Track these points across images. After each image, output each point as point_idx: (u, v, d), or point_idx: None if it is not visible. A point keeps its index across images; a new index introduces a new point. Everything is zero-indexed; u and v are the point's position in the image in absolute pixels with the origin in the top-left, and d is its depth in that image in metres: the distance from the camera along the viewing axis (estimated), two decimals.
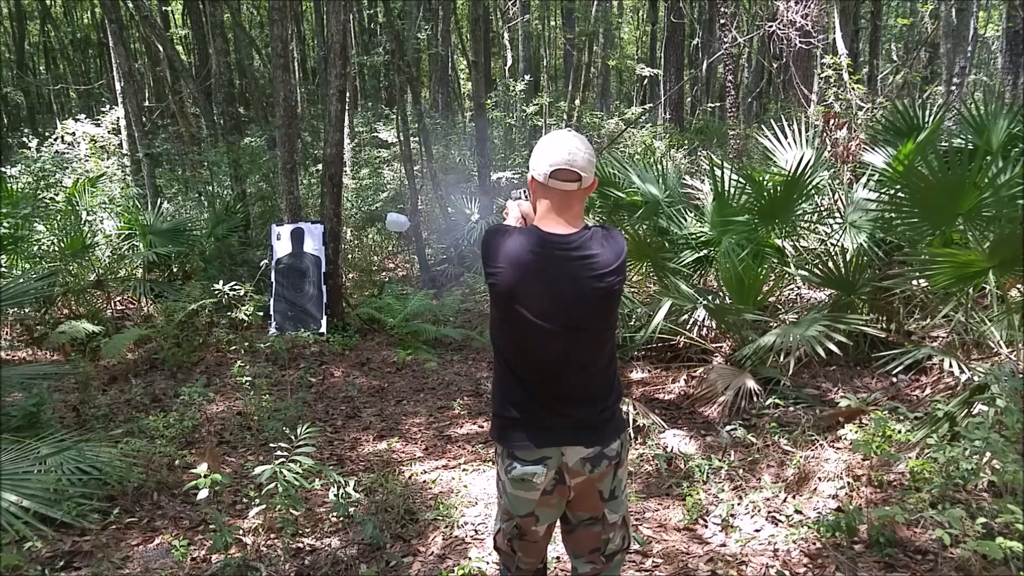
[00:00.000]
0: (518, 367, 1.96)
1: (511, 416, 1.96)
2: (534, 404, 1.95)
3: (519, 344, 1.94)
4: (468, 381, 5.82)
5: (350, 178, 12.48)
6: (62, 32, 21.10)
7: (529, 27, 18.24)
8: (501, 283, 1.89)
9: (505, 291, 1.89)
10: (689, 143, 13.83)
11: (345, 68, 6.84)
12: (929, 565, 2.78)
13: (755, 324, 4.89)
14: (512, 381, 1.97)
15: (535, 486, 1.95)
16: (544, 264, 1.88)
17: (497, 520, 2.14)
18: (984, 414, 3.07)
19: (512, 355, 1.97)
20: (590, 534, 2.06)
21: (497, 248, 1.90)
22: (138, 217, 7.73)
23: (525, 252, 1.88)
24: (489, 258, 1.90)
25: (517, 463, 1.95)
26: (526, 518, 2.01)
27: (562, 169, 1.86)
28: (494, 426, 2.04)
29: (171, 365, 5.84)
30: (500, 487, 2.06)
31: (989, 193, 4.07)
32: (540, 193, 1.93)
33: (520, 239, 1.90)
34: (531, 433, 1.94)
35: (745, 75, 21.37)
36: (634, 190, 6.26)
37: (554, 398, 1.95)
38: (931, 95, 10.02)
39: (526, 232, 1.93)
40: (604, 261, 1.89)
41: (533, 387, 1.95)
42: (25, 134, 10.94)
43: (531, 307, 1.88)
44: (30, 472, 3.08)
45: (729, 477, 3.63)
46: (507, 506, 2.03)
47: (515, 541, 2.07)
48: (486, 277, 1.92)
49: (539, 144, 1.93)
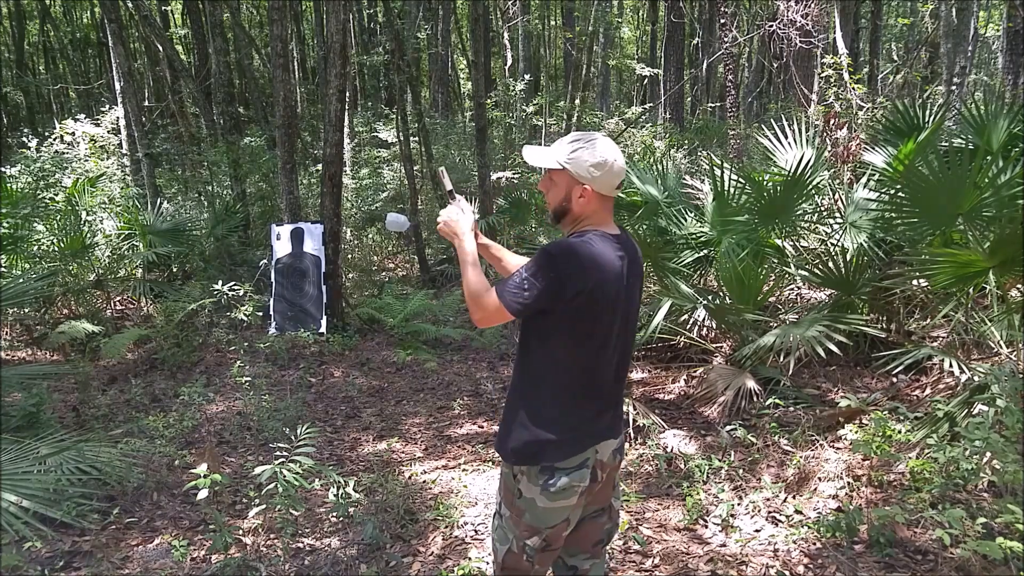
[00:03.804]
0: (583, 381, 1.89)
1: (557, 436, 1.87)
2: (586, 414, 1.91)
3: (591, 357, 1.87)
4: (468, 381, 5.82)
5: (350, 178, 12.47)
6: (62, 32, 21.09)
7: (529, 27, 18.24)
8: (598, 296, 1.81)
9: (601, 302, 1.83)
10: (689, 143, 13.83)
11: (345, 68, 6.83)
12: (929, 565, 2.78)
13: (755, 324, 4.89)
14: (567, 398, 1.89)
15: (576, 492, 1.89)
16: (626, 268, 1.89)
17: (510, 541, 1.98)
18: (984, 414, 3.06)
19: (579, 370, 1.88)
20: (596, 526, 2.08)
21: (586, 260, 1.80)
22: (138, 217, 7.72)
23: (614, 259, 1.84)
24: (577, 273, 1.79)
25: (559, 474, 1.87)
26: (558, 526, 1.93)
27: (622, 182, 1.93)
28: (529, 450, 1.89)
29: (171, 365, 5.84)
30: (521, 506, 1.92)
31: (989, 193, 4.07)
32: (595, 201, 1.89)
33: (602, 246, 1.84)
34: (574, 440, 1.89)
35: (745, 75, 21.38)
36: (634, 190, 6.26)
37: (603, 404, 1.94)
38: (931, 95, 10.01)
39: (601, 238, 1.86)
40: (642, 261, 2.00)
41: (590, 398, 1.91)
42: (25, 134, 10.93)
43: (614, 315, 1.88)
44: (30, 472, 3.07)
45: (729, 477, 3.63)
46: (532, 522, 1.91)
47: (537, 554, 1.96)
48: (572, 295, 1.78)
49: (600, 158, 1.84)
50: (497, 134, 14.11)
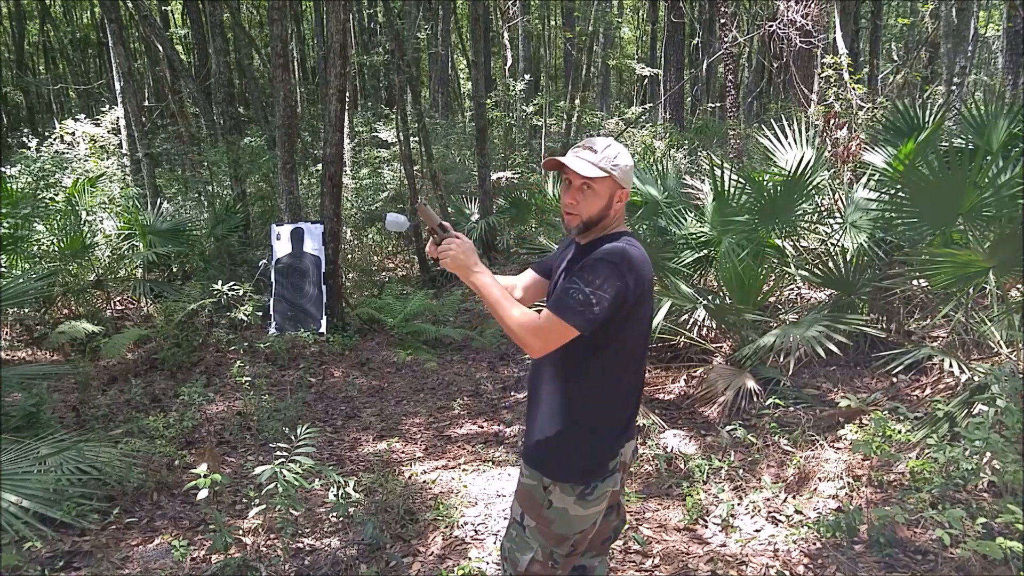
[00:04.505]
0: (626, 387, 1.90)
1: (604, 452, 1.88)
2: (621, 419, 1.93)
3: (636, 361, 1.91)
4: (468, 381, 5.82)
5: (350, 178, 12.47)
6: (62, 32, 21.10)
7: (529, 27, 18.24)
8: (644, 298, 1.82)
9: (644, 306, 1.84)
10: (689, 143, 13.83)
11: (345, 68, 6.83)
12: (929, 565, 2.78)
13: (755, 324, 4.89)
14: (612, 408, 1.89)
15: (607, 496, 1.90)
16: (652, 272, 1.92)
17: (534, 550, 1.92)
18: (984, 414, 3.06)
19: (627, 376, 1.89)
20: (605, 524, 2.10)
21: (638, 263, 1.80)
22: (138, 217, 7.72)
23: (648, 265, 1.86)
24: (637, 277, 1.78)
25: (595, 481, 1.86)
26: (586, 531, 1.93)
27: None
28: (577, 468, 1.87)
29: (171, 365, 5.84)
30: (551, 515, 1.88)
31: (989, 193, 4.07)
32: (620, 206, 1.93)
33: (639, 247, 1.86)
34: (614, 450, 1.90)
35: (745, 75, 21.38)
36: (634, 190, 6.26)
37: (634, 407, 1.97)
38: (931, 95, 10.02)
39: (634, 241, 1.87)
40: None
41: (626, 404, 1.93)
42: (25, 134, 10.92)
43: (649, 315, 1.91)
44: (30, 472, 3.07)
45: (729, 477, 3.63)
46: (561, 531, 1.89)
47: (563, 560, 1.93)
48: (635, 300, 1.78)
49: (630, 160, 1.90)
50: (497, 134, 14.11)
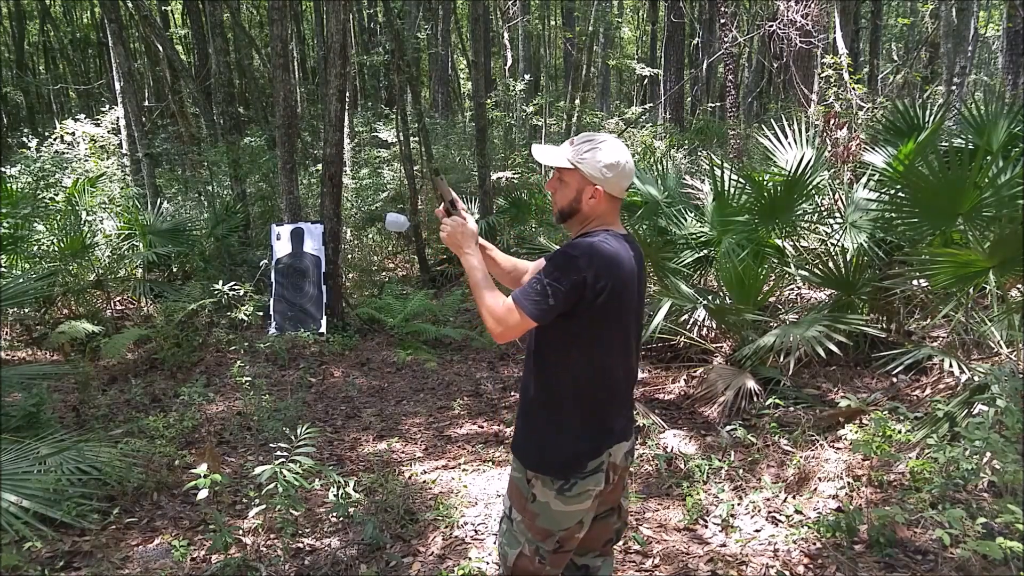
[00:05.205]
0: (602, 385, 1.88)
1: (580, 446, 1.87)
2: (604, 419, 1.91)
3: (610, 359, 1.88)
4: (468, 381, 5.82)
5: (350, 178, 12.47)
6: (62, 32, 21.09)
7: (529, 27, 18.24)
8: (619, 295, 1.81)
9: (622, 302, 1.83)
10: (689, 143, 13.82)
11: (345, 68, 6.84)
12: (929, 565, 2.78)
13: (755, 324, 4.89)
14: (587, 404, 1.88)
15: (591, 496, 1.89)
16: (638, 267, 1.89)
17: (521, 544, 1.95)
18: (984, 414, 3.06)
19: (599, 374, 1.87)
20: (606, 526, 2.09)
21: (607, 259, 1.79)
22: (138, 217, 7.73)
23: (629, 259, 1.85)
24: (600, 272, 1.77)
25: (575, 478, 1.86)
26: (571, 528, 1.92)
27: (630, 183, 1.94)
28: (553, 460, 1.88)
29: (171, 365, 5.84)
30: (535, 509, 1.91)
31: (989, 193, 4.07)
32: (605, 202, 1.89)
33: (617, 245, 1.84)
34: (594, 448, 1.88)
35: (745, 75, 21.37)
36: (634, 190, 6.25)
37: (618, 407, 1.95)
38: (931, 95, 10.01)
39: (615, 237, 1.86)
40: (643, 262, 2.00)
41: (608, 403, 1.91)
42: (25, 134, 10.93)
43: (631, 315, 1.88)
44: (30, 472, 3.08)
45: (729, 477, 3.63)
46: (546, 525, 1.90)
47: (550, 556, 1.94)
48: (595, 295, 1.77)
49: (612, 159, 1.84)
50: (497, 134, 14.11)
